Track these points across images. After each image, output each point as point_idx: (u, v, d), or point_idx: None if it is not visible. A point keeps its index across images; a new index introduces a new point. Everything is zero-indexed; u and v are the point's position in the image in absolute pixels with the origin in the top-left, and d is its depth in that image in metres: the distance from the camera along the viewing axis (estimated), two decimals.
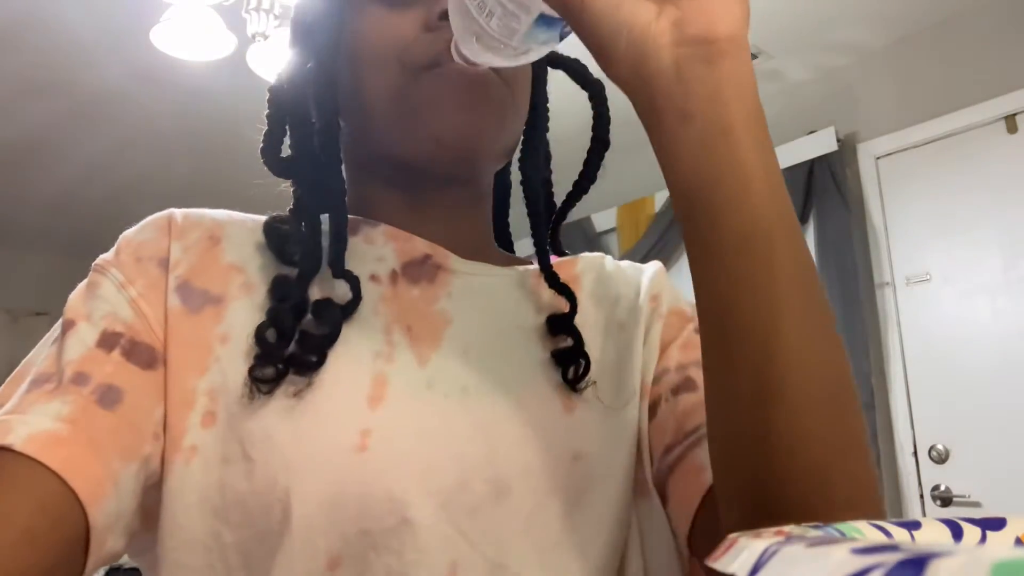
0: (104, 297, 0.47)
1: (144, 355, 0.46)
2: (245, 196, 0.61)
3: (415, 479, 0.44)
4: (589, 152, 0.58)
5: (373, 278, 0.52)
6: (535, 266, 0.58)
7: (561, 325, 0.53)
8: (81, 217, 4.02)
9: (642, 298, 0.58)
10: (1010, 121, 2.44)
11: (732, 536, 0.18)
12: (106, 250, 0.51)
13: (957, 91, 2.54)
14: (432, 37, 0.48)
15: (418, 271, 0.53)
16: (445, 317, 0.51)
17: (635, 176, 3.55)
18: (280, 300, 0.48)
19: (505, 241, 0.66)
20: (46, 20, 2.47)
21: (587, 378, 0.51)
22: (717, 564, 0.17)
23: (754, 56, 2.80)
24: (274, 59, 2.08)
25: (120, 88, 2.86)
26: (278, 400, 0.44)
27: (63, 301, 0.49)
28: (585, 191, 0.58)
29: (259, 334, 0.46)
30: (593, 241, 3.55)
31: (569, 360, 0.51)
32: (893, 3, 2.53)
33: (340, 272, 0.49)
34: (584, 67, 0.59)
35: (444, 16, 0.45)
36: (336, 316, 0.47)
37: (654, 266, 0.62)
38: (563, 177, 0.62)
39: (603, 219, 3.59)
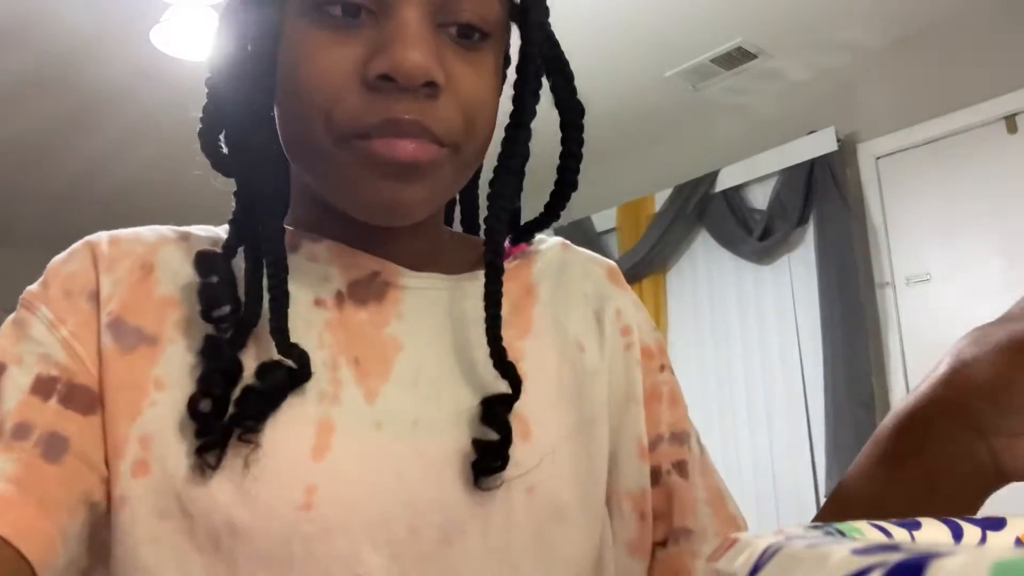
0: (35, 338, 0.44)
1: (82, 399, 0.43)
2: None
3: (364, 532, 0.42)
4: (553, 195, 0.55)
5: (317, 303, 0.48)
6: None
7: (494, 414, 0.47)
8: (82, 216, 4.02)
9: (607, 318, 0.56)
10: (1010, 121, 2.44)
11: (732, 536, 0.18)
12: None
13: (957, 91, 2.54)
14: (367, 103, 0.42)
15: (365, 291, 0.49)
16: (395, 343, 0.48)
17: (635, 176, 3.55)
18: (211, 362, 0.44)
19: (471, 219, 0.62)
20: (47, 19, 2.47)
21: (496, 477, 0.46)
22: (718, 564, 0.17)
23: (754, 56, 2.80)
24: None
25: (120, 87, 2.86)
26: (226, 468, 0.42)
27: None
28: (547, 226, 0.56)
29: (192, 406, 0.43)
30: (593, 241, 3.55)
31: (488, 455, 0.45)
32: (893, 3, 2.53)
33: (285, 349, 0.44)
34: (572, 85, 0.54)
35: (383, 76, 0.41)
36: (282, 382, 0.44)
37: (614, 280, 0.59)
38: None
39: (603, 219, 3.59)
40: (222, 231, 0.52)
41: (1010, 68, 2.44)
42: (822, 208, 2.80)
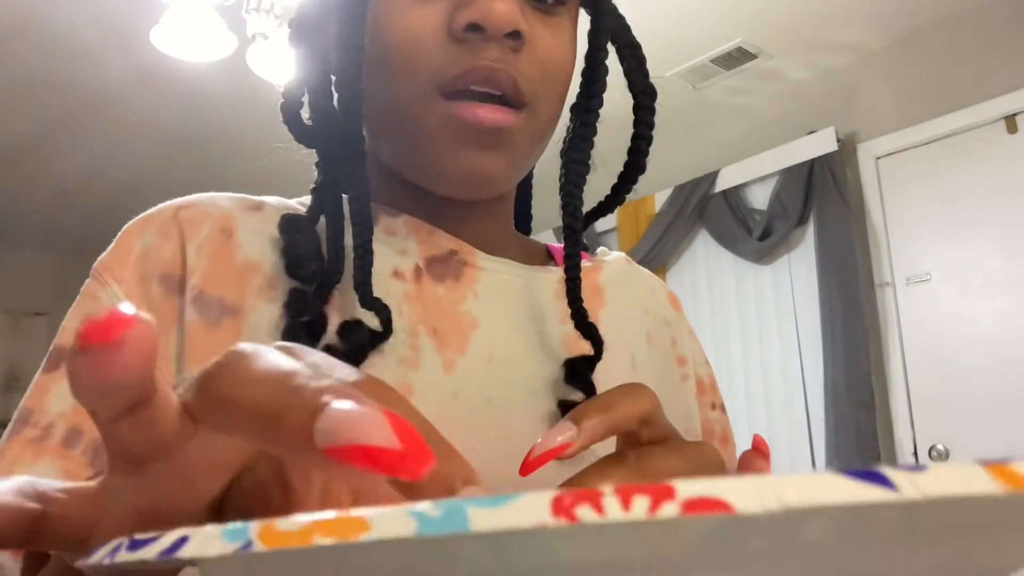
0: None
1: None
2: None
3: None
4: (621, 177, 0.57)
5: (396, 274, 0.49)
6: (559, 270, 0.55)
7: (578, 373, 0.49)
8: (81, 217, 4.02)
9: (663, 342, 0.57)
10: (1010, 121, 2.44)
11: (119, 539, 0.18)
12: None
13: (957, 91, 2.54)
14: (453, 53, 0.44)
15: (443, 268, 0.50)
16: (471, 320, 0.49)
17: None
18: (296, 317, 0.44)
19: (524, 223, 0.63)
20: (46, 20, 2.47)
21: None
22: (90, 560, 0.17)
23: (754, 56, 2.80)
24: (274, 59, 2.08)
25: (120, 88, 2.86)
26: None
27: (63, 301, 0.47)
28: (611, 210, 0.58)
29: None
30: (593, 241, 3.55)
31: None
32: (893, 3, 2.53)
33: (368, 302, 0.44)
34: (645, 68, 0.55)
35: (470, 27, 0.43)
36: (363, 340, 0.44)
37: (675, 305, 0.60)
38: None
39: (603, 219, 3.58)
40: (296, 203, 0.53)
41: (1010, 68, 2.45)
42: (822, 208, 2.79)
